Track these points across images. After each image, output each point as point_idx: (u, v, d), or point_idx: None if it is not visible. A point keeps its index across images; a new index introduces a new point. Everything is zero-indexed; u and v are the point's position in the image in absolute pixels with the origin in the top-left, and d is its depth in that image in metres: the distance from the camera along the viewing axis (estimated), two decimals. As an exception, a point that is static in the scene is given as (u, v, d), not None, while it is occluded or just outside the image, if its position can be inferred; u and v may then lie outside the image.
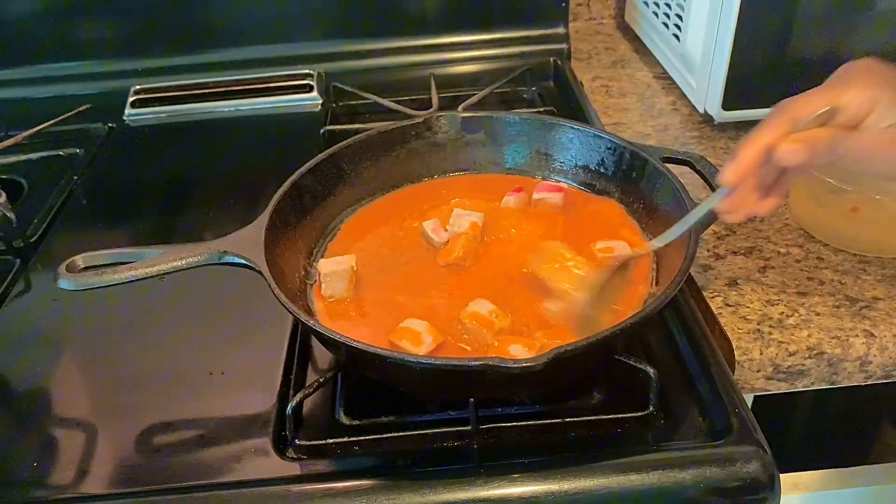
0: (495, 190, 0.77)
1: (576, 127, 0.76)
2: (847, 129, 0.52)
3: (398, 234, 0.73)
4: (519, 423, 0.59)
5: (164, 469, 0.58)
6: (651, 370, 0.58)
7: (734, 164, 0.54)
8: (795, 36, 0.88)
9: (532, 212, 0.74)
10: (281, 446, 0.59)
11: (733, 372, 0.67)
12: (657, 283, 0.65)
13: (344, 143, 0.76)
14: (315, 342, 0.68)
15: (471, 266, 0.68)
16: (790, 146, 0.51)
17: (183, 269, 0.61)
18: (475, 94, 1.02)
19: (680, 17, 1.04)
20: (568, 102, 1.05)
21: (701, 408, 0.60)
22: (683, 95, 1.07)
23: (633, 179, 0.72)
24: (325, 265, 0.66)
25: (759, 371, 0.68)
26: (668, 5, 1.09)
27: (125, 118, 1.09)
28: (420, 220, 0.73)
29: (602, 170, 0.75)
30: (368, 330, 0.63)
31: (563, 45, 1.16)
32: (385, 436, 0.59)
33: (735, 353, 0.67)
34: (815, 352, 0.67)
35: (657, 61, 1.17)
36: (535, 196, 0.74)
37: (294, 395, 0.60)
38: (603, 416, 0.59)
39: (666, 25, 1.10)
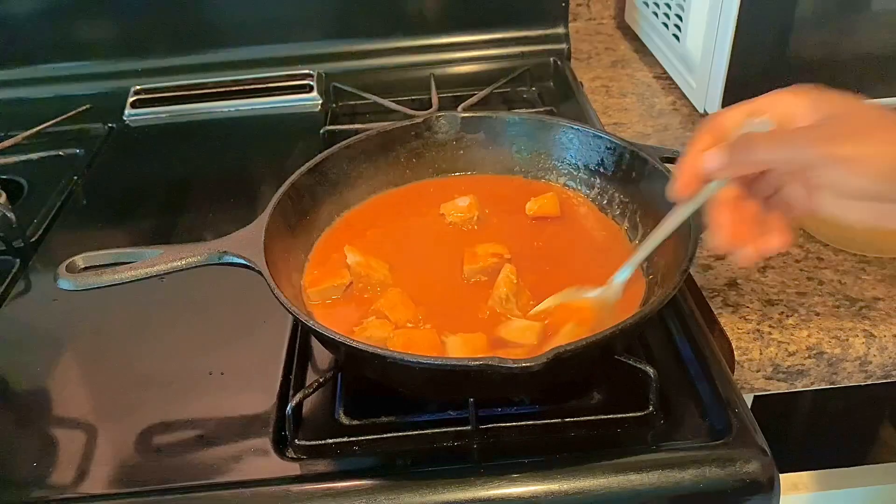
0: (495, 190, 0.77)
1: (576, 127, 0.76)
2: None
3: (397, 232, 0.73)
4: (519, 423, 0.59)
5: (164, 469, 0.58)
6: (651, 370, 0.58)
7: (676, 181, 0.54)
8: (795, 36, 0.88)
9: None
10: (281, 446, 0.59)
11: (733, 372, 0.67)
12: (655, 283, 0.65)
13: (344, 143, 0.76)
14: (315, 342, 0.68)
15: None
16: (710, 151, 0.51)
17: (183, 270, 0.61)
18: (475, 94, 1.02)
19: (680, 17, 1.04)
20: (568, 102, 1.05)
21: (700, 408, 0.59)
22: (683, 95, 1.07)
23: (633, 179, 0.72)
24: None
25: (758, 371, 0.68)
26: (668, 5, 1.09)
27: (125, 118, 1.09)
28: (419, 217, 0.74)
29: (602, 170, 0.75)
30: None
31: (563, 46, 1.16)
32: (385, 436, 0.59)
33: (735, 353, 0.67)
34: (814, 352, 0.67)
35: (657, 61, 1.17)
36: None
37: (294, 395, 0.60)
38: (602, 416, 0.59)
39: (666, 25, 1.10)
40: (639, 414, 0.59)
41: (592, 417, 0.59)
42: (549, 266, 0.68)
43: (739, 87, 0.92)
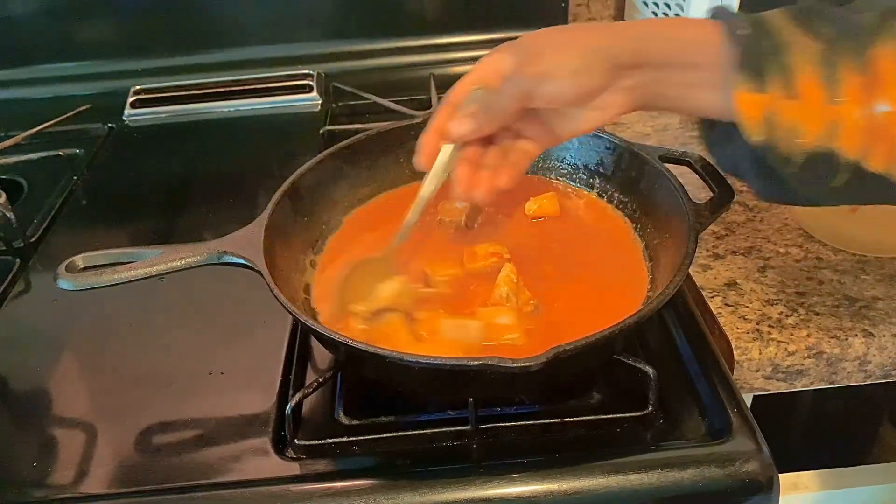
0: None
1: (575, 127, 0.76)
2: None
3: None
4: (518, 423, 0.59)
5: (164, 469, 0.58)
6: (650, 370, 0.58)
7: (418, 153, 0.59)
8: (795, 36, 0.88)
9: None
10: (280, 446, 0.59)
11: (732, 372, 0.67)
12: (654, 283, 0.65)
13: (344, 143, 0.76)
14: (315, 342, 0.68)
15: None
16: (453, 122, 0.57)
17: (182, 269, 0.61)
18: (475, 94, 1.02)
19: (679, 17, 1.04)
20: (568, 102, 1.05)
21: (700, 408, 0.60)
22: (683, 95, 1.06)
23: (633, 179, 0.72)
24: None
25: (758, 371, 0.68)
26: (667, 5, 1.09)
27: (125, 118, 1.09)
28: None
29: (601, 170, 0.75)
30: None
31: (563, 45, 1.16)
32: (384, 436, 0.59)
33: (734, 352, 0.67)
34: (814, 351, 0.67)
35: (657, 61, 1.17)
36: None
37: (293, 394, 0.60)
38: (602, 416, 0.60)
39: (666, 25, 1.10)
40: (638, 414, 0.59)
41: (592, 417, 0.59)
42: (550, 265, 0.68)
43: (739, 86, 0.91)
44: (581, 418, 0.59)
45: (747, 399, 0.69)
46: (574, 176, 0.77)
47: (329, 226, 0.74)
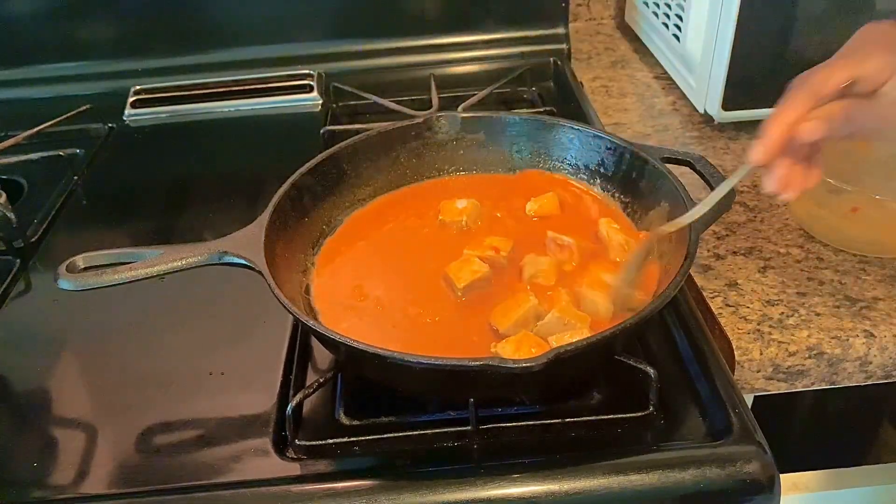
0: (495, 190, 0.77)
1: (576, 127, 0.76)
2: (864, 97, 0.54)
3: (397, 232, 0.73)
4: (519, 424, 0.59)
5: (164, 469, 0.58)
6: (651, 370, 0.58)
7: (762, 142, 0.55)
8: (795, 36, 0.89)
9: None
10: (281, 446, 0.59)
11: (733, 372, 0.67)
12: (658, 283, 0.65)
13: (344, 143, 0.76)
14: (315, 342, 0.68)
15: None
16: (810, 125, 0.54)
17: (183, 270, 0.61)
18: (475, 95, 1.02)
19: (680, 18, 1.04)
20: (568, 103, 1.05)
21: (701, 408, 0.59)
22: (683, 95, 1.07)
23: (633, 179, 0.72)
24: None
25: (758, 371, 0.68)
26: (668, 5, 1.09)
27: (125, 118, 1.09)
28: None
29: (602, 170, 0.75)
30: (374, 326, 0.63)
31: (563, 46, 1.16)
32: (385, 436, 0.59)
33: (735, 353, 0.67)
34: (815, 352, 0.67)
35: (657, 61, 1.17)
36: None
37: (294, 395, 0.60)
38: (603, 417, 0.59)
39: (666, 26, 1.10)
40: (639, 414, 0.59)
41: (592, 417, 0.59)
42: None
43: (739, 87, 0.92)
44: (582, 419, 0.59)
45: (748, 399, 0.69)
46: (575, 176, 0.77)
47: (330, 226, 0.74)
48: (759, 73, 0.90)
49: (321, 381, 0.60)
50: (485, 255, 0.67)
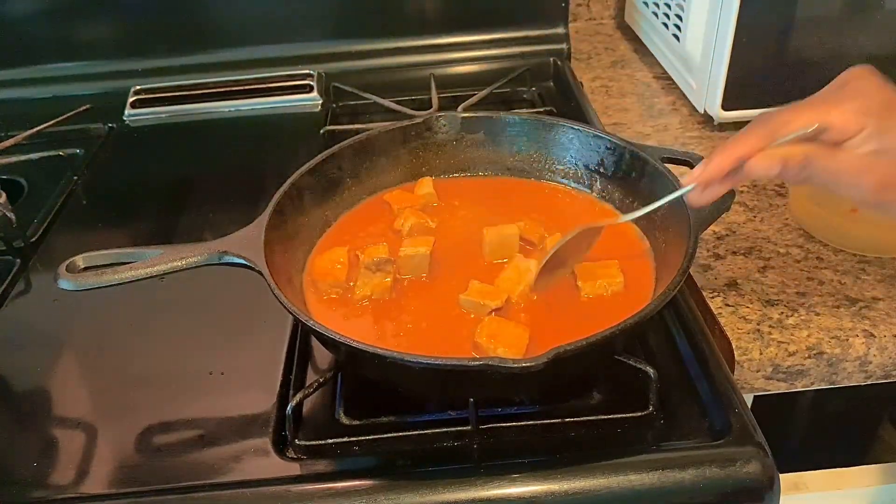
0: (495, 190, 0.77)
1: (575, 127, 0.76)
2: (826, 147, 0.52)
3: (390, 233, 0.73)
4: (519, 423, 0.59)
5: (164, 469, 0.58)
6: (651, 370, 0.58)
7: (704, 167, 0.55)
8: (795, 36, 0.89)
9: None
10: (281, 446, 0.59)
11: (733, 372, 0.67)
12: (657, 283, 0.65)
13: (344, 143, 0.76)
14: (315, 342, 0.68)
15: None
16: (762, 161, 0.52)
17: (183, 270, 0.61)
18: (475, 95, 1.02)
19: (680, 18, 1.04)
20: (568, 102, 1.05)
21: (701, 408, 0.60)
22: (683, 95, 1.07)
23: (633, 179, 0.72)
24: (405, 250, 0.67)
25: (758, 371, 0.68)
26: (668, 5, 1.09)
27: (125, 118, 1.09)
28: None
29: (602, 170, 0.75)
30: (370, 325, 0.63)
31: (563, 46, 1.16)
32: (385, 436, 0.59)
33: (735, 353, 0.67)
34: (814, 352, 0.67)
35: (657, 61, 1.17)
36: None
37: (294, 395, 0.60)
38: (603, 416, 0.59)
39: (666, 25, 1.10)
40: (639, 414, 0.59)
41: (592, 417, 0.59)
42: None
43: (739, 87, 0.92)
44: (582, 419, 0.59)
45: (748, 399, 0.69)
46: (575, 176, 0.77)
47: (330, 226, 0.74)
48: (759, 73, 0.90)
49: (321, 380, 0.60)
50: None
